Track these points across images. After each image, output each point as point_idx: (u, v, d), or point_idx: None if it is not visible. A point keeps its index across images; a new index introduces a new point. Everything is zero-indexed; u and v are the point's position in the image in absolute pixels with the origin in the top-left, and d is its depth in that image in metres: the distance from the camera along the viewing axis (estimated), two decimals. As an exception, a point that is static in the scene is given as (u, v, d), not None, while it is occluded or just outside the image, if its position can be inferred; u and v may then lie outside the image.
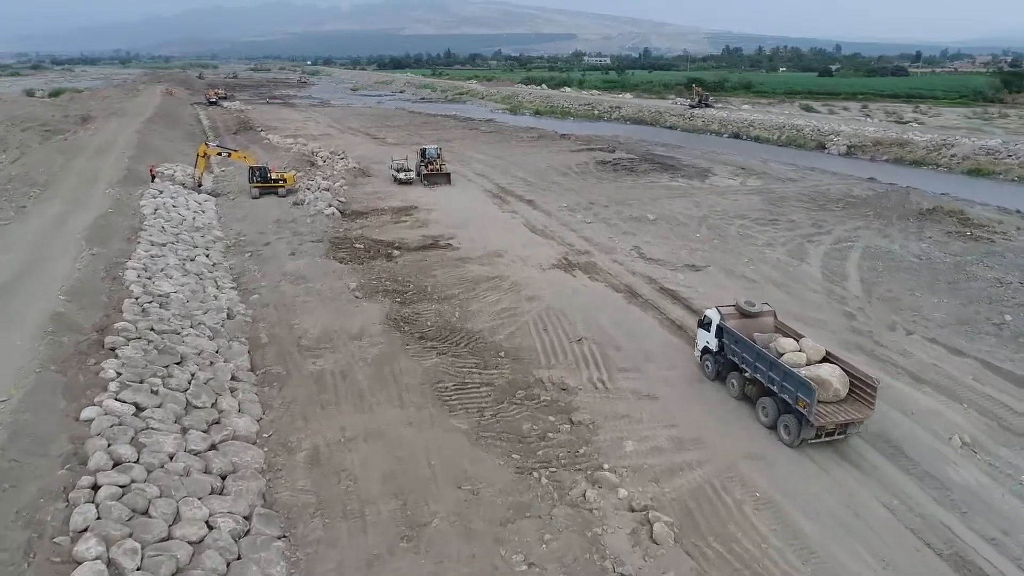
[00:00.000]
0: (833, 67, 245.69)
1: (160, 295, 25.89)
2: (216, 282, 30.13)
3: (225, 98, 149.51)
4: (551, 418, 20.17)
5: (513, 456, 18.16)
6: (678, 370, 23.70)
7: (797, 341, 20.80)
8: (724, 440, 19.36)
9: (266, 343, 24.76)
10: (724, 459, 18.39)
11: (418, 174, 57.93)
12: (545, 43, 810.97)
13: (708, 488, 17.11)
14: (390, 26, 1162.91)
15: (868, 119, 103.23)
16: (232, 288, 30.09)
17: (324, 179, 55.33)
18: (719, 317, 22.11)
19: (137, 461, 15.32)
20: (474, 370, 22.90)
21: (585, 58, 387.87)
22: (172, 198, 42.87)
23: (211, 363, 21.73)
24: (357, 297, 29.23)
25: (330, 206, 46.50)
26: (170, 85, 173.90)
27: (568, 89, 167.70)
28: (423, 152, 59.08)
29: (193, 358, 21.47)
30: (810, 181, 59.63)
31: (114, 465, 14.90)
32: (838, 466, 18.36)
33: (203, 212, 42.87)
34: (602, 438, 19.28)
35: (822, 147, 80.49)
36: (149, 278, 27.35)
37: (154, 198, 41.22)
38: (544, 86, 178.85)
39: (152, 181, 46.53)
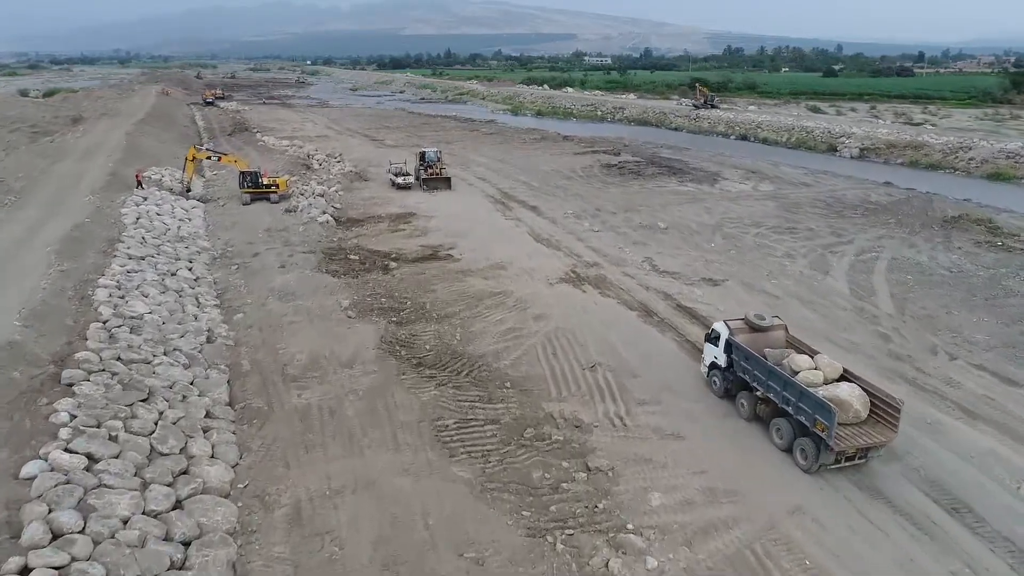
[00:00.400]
0: (836, 67, 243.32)
1: (133, 317, 23.60)
2: (198, 299, 27.83)
3: (222, 98, 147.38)
4: (565, 464, 17.86)
5: (523, 513, 15.86)
6: (703, 403, 21.39)
7: (812, 357, 19.55)
8: (762, 489, 17.05)
9: (248, 371, 22.45)
10: (764, 515, 16.09)
11: (417, 178, 55.68)
12: (545, 43, 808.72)
13: (749, 555, 14.79)
14: (390, 26, 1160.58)
15: (878, 120, 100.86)
16: (215, 306, 27.79)
17: (319, 184, 53.04)
18: (727, 331, 20.92)
19: (83, 531, 13.03)
20: (477, 404, 20.60)
21: (586, 58, 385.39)
22: (157, 205, 40.56)
23: (183, 398, 19.43)
24: (350, 317, 26.91)
25: (324, 213, 44.21)
26: (166, 85, 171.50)
27: (570, 89, 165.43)
28: (422, 155, 56.79)
29: (163, 392, 19.17)
30: (825, 186, 57.32)
31: (52, 539, 12.59)
32: (894, 523, 16.05)
33: (190, 220, 40.56)
34: (623, 488, 16.97)
35: (833, 150, 78.15)
36: (122, 297, 25.04)
37: (137, 206, 38.92)
38: (546, 86, 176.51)
39: (138, 187, 44.21)
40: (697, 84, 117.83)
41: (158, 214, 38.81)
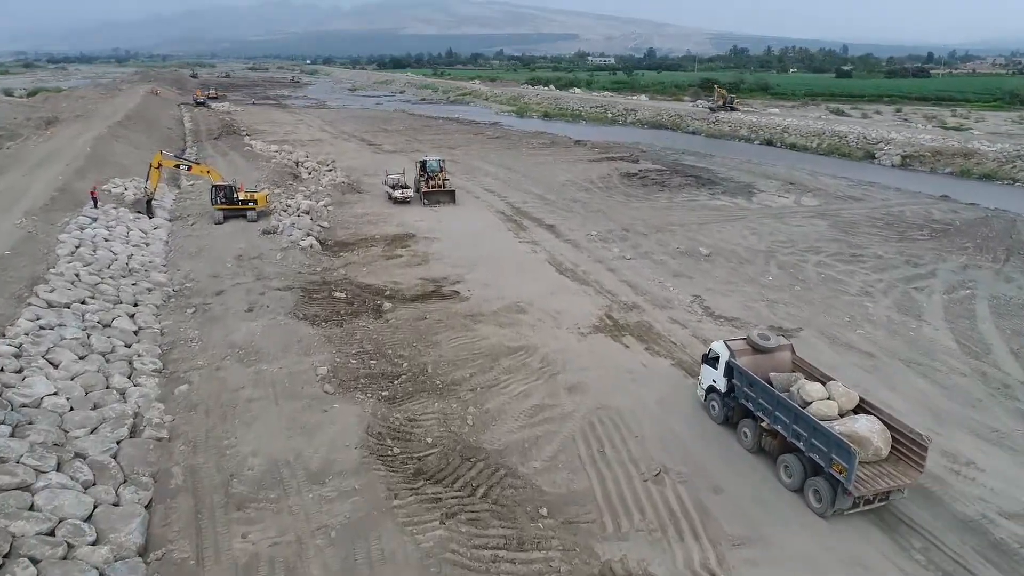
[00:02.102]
0: (846, 68, 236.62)
1: (25, 404, 17.20)
2: (131, 363, 21.42)
3: (214, 98, 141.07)
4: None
5: None
6: (821, 536, 15.01)
7: (824, 385, 17.52)
8: None
9: (179, 488, 16.02)
10: None
11: (417, 191, 49.29)
12: (547, 43, 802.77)
13: None
14: (391, 25, 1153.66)
15: (907, 124, 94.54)
16: (153, 373, 21.36)
17: (305, 198, 46.63)
18: (728, 353, 18.92)
19: None
20: (504, 552, 14.18)
21: (588, 58, 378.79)
22: (108, 228, 34.14)
23: (67, 553, 13.03)
24: (327, 393, 20.46)
25: (308, 235, 37.80)
26: (158, 84, 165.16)
27: (577, 90, 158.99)
28: (423, 165, 50.39)
29: (35, 547, 12.79)
30: (876, 200, 50.91)
31: None
32: None
33: (147, 245, 34.16)
34: None
35: (871, 157, 71.72)
36: (18, 371, 18.63)
37: (81, 230, 32.50)
38: (552, 87, 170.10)
39: (94, 206, 37.60)
40: (715, 85, 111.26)
41: (106, 239, 32.38)
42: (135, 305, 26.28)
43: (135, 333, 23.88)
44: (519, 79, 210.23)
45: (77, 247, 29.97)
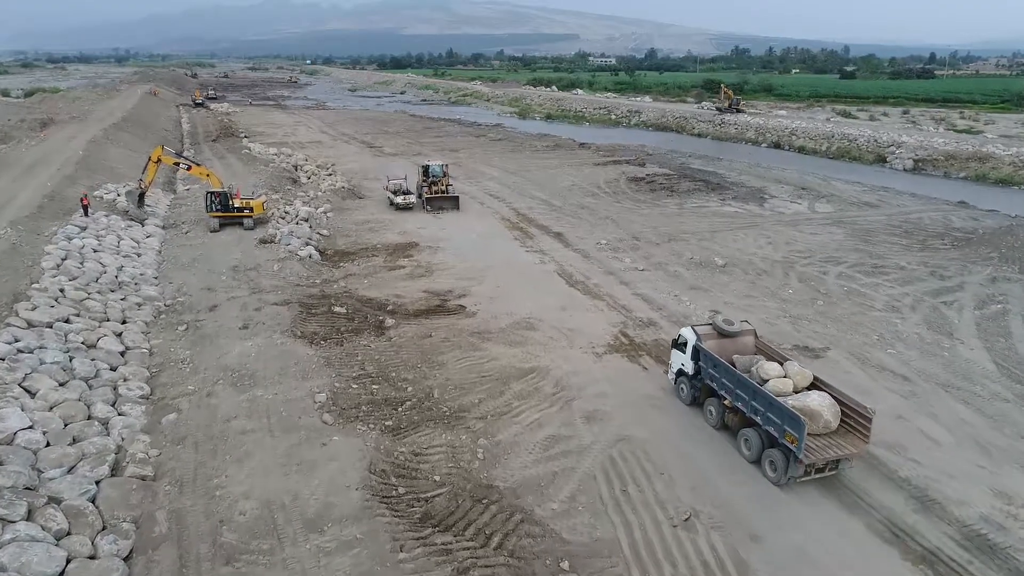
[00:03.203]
0: (848, 69, 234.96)
1: (-4, 440, 15.74)
2: (116, 390, 19.94)
3: (213, 99, 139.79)
4: None
5: None
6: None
7: (782, 365, 18.90)
8: None
9: (162, 538, 14.53)
10: None
11: (419, 196, 47.83)
12: (547, 43, 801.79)
13: None
14: (391, 25, 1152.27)
15: (916, 126, 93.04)
16: (140, 400, 19.87)
17: (304, 204, 45.16)
18: (695, 337, 20.21)
19: None
20: (522, 616, 12.70)
21: (590, 59, 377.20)
22: (98, 238, 32.66)
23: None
24: (326, 423, 18.96)
25: (307, 244, 36.37)
26: (156, 85, 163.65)
27: (580, 91, 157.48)
28: (426, 169, 48.94)
29: (-5, 616, 11.32)
30: (892, 207, 49.41)
31: None
32: None
33: (138, 256, 32.67)
34: None
35: (882, 160, 70.24)
36: (-9, 402, 17.14)
37: (69, 240, 30.99)
38: (554, 88, 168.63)
39: (85, 214, 36.00)
40: (722, 86, 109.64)
41: (95, 250, 30.89)
42: (123, 323, 24.81)
43: (122, 354, 22.39)
44: (520, 80, 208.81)
45: (63, 259, 28.46)
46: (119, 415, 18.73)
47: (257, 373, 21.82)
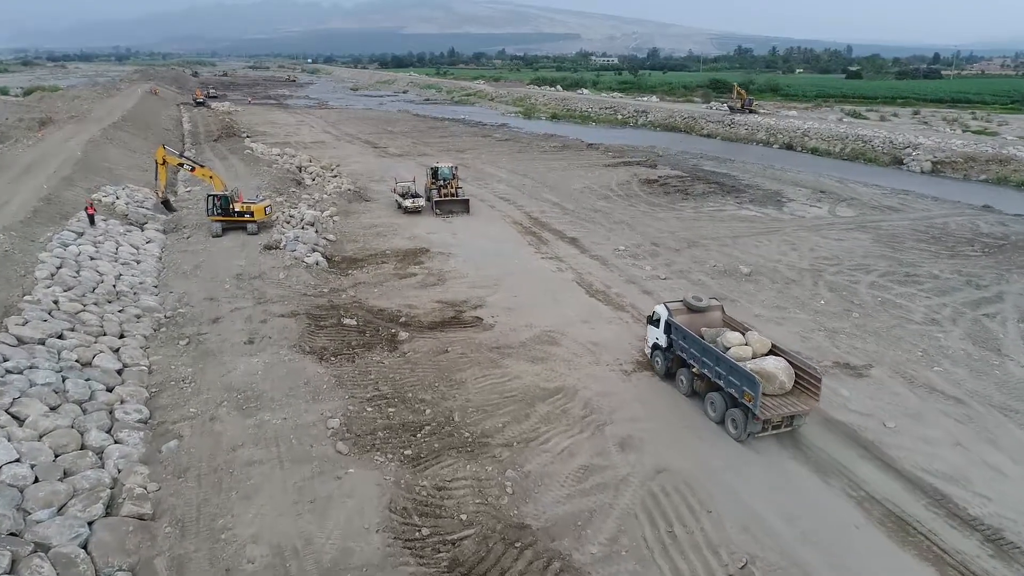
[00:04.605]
0: (852, 69, 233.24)
1: (-21, 477, 14.24)
2: (112, 414, 18.45)
3: (214, 98, 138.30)
4: None
5: None
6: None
7: (743, 335, 20.41)
8: None
9: (161, 590, 13.04)
10: None
11: (428, 199, 46.32)
12: (549, 43, 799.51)
13: None
14: (392, 24, 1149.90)
15: (928, 127, 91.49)
16: (138, 425, 18.37)
17: (309, 207, 43.66)
18: (667, 313, 21.87)
19: None
20: None
21: (592, 58, 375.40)
22: (95, 245, 31.15)
23: None
24: (341, 453, 17.46)
25: (314, 250, 34.86)
26: (157, 83, 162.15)
27: (585, 91, 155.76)
28: (435, 172, 47.45)
29: None
30: (916, 211, 47.89)
31: None
32: None
33: (137, 263, 31.18)
34: None
35: (898, 163, 68.68)
36: (-26, 433, 15.64)
37: (65, 247, 29.48)
38: (558, 87, 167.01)
39: (91, 224, 34.11)
40: (735, 86, 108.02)
41: (92, 257, 29.38)
42: (121, 336, 23.32)
43: (119, 372, 20.90)
44: (523, 79, 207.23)
45: (59, 268, 26.98)
46: (115, 443, 17.24)
47: (264, 394, 20.31)
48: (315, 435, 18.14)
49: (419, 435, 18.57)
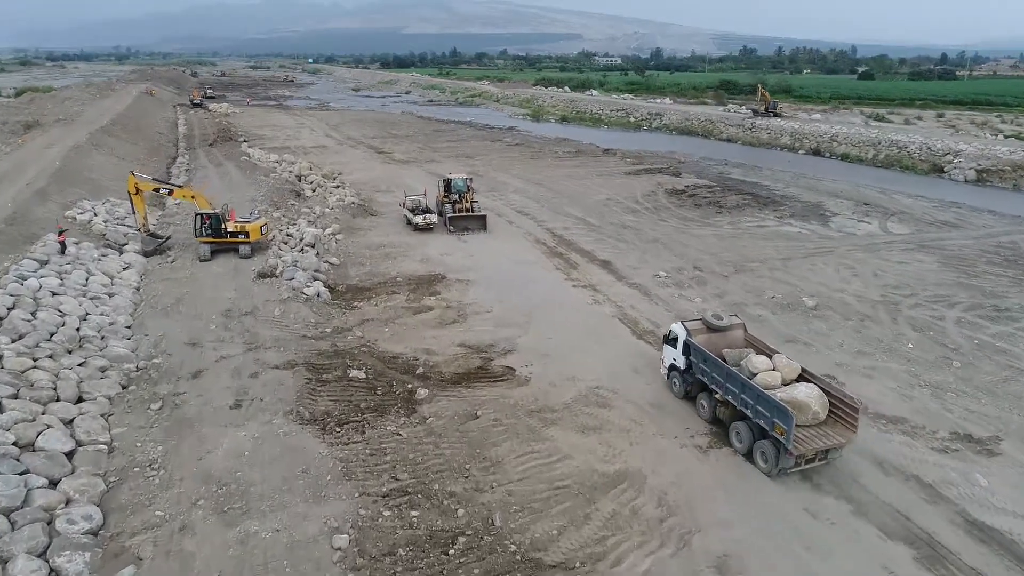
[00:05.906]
0: (864, 69, 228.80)
1: None
2: (51, 524, 14.08)
3: (212, 99, 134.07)
4: None
5: None
6: None
7: (770, 358, 18.93)
8: None
9: None
10: None
11: (441, 215, 42.01)
12: (550, 43, 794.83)
13: None
14: (393, 24, 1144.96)
15: (956, 131, 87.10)
16: (85, 542, 14.00)
17: (309, 223, 39.32)
18: (685, 333, 20.34)
19: None
20: None
21: (594, 58, 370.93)
22: (60, 276, 26.75)
23: None
24: (350, 591, 13.12)
25: (315, 279, 30.53)
26: (155, 84, 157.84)
27: (594, 92, 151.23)
28: (448, 184, 43.17)
29: None
30: (976, 227, 43.52)
31: None
32: None
33: (110, 297, 26.80)
34: None
35: (939, 171, 64.22)
36: None
37: (23, 281, 25.05)
38: (566, 88, 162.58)
39: (62, 252, 29.52)
40: (760, 88, 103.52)
41: (55, 293, 25.00)
42: (79, 401, 18.98)
43: (69, 456, 16.55)
44: (527, 79, 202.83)
45: (10, 309, 22.61)
46: (51, 572, 12.88)
47: (251, 489, 15.94)
48: (316, 560, 13.75)
49: (452, 552, 14.23)
